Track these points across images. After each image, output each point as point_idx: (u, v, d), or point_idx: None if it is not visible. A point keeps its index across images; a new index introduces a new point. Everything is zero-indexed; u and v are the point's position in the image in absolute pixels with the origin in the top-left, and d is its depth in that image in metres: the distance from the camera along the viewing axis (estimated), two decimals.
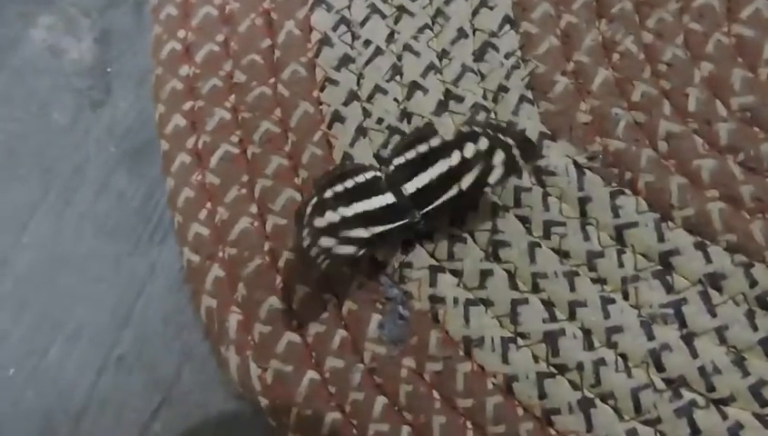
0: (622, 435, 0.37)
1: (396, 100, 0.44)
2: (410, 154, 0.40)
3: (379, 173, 0.40)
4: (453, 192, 0.39)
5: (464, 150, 0.39)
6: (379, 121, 0.43)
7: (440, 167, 0.39)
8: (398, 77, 0.44)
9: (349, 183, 0.39)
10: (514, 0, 0.45)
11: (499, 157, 0.38)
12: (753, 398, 0.37)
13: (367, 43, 0.45)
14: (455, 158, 0.39)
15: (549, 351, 0.39)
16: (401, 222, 0.38)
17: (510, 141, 0.39)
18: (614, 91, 0.42)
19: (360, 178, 0.39)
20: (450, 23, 0.45)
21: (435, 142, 0.40)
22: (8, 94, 0.47)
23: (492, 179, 0.38)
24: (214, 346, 0.40)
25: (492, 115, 0.43)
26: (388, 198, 0.39)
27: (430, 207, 0.39)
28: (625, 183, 0.41)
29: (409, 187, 0.39)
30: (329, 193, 0.38)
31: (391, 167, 0.40)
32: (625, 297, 0.39)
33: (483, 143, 0.39)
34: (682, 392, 0.37)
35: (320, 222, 0.37)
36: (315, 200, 0.38)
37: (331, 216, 0.37)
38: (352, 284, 0.40)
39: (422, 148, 0.40)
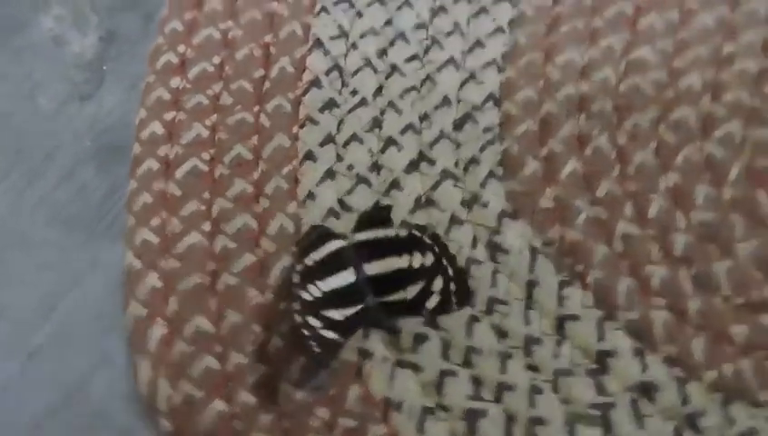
0: None
1: (370, 151, 0.37)
2: (371, 235, 0.33)
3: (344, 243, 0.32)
4: (400, 295, 0.31)
5: (412, 258, 0.32)
6: (350, 167, 0.36)
7: (396, 263, 0.32)
8: (376, 130, 0.37)
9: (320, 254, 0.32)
10: (501, 80, 0.39)
11: (438, 284, 0.32)
12: None
13: (354, 92, 0.39)
14: (404, 261, 0.32)
15: (467, 429, 0.32)
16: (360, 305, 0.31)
17: (450, 272, 0.32)
18: (580, 183, 0.35)
19: (329, 247, 0.32)
20: (437, 89, 0.38)
21: (391, 232, 0.33)
22: (4, 72, 0.40)
23: (429, 304, 0.32)
24: (132, 355, 0.34)
25: (460, 185, 0.37)
26: (350, 276, 0.32)
27: (385, 299, 0.31)
28: (575, 274, 0.33)
29: (369, 270, 0.32)
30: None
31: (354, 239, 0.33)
32: (555, 390, 0.31)
33: (429, 259, 0.32)
34: None
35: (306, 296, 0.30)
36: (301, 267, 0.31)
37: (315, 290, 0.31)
38: (284, 322, 0.34)
39: (382, 233, 0.33)
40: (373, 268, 0.32)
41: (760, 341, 0.32)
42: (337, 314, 0.31)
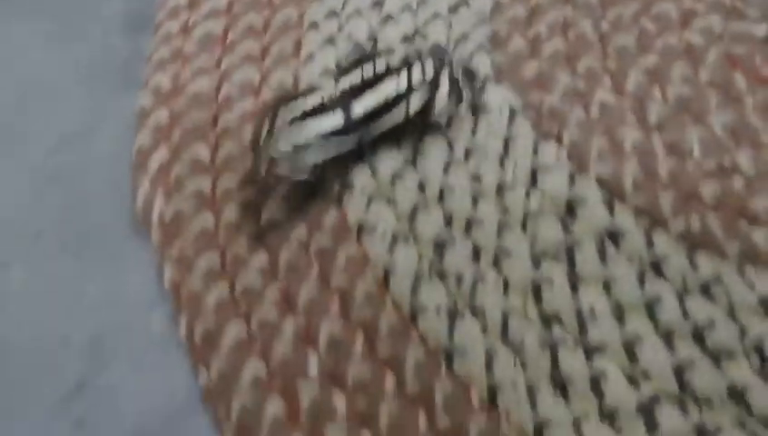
0: (481, 351, 0.28)
1: (369, 24, 0.36)
2: (356, 77, 0.31)
3: (325, 94, 0.30)
4: (399, 116, 0.30)
5: (411, 75, 0.30)
6: (349, 36, 0.36)
7: (386, 91, 0.30)
8: (377, 8, 0.37)
9: (300, 107, 0.30)
10: None
11: (444, 85, 0.31)
12: (625, 353, 0.28)
13: None
14: (402, 83, 0.30)
15: (436, 257, 0.30)
16: (349, 145, 0.30)
17: (454, 69, 0.31)
18: (562, 59, 0.34)
19: (310, 101, 0.30)
20: None
21: (380, 66, 0.31)
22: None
23: (438, 106, 0.31)
24: (133, 177, 0.33)
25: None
26: (338, 119, 0.30)
27: (377, 131, 0.30)
28: (551, 134, 0.32)
29: (357, 108, 0.30)
30: (281, 120, 0.29)
31: (338, 88, 0.30)
32: (523, 228, 0.30)
33: (429, 70, 0.30)
34: (552, 328, 0.29)
35: (274, 151, 0.29)
36: (267, 127, 0.29)
37: (285, 144, 0.29)
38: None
39: (368, 71, 0.31)
40: (360, 106, 0.30)
41: (730, 201, 0.30)
42: (315, 156, 0.29)
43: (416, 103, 0.30)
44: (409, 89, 0.30)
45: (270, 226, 0.30)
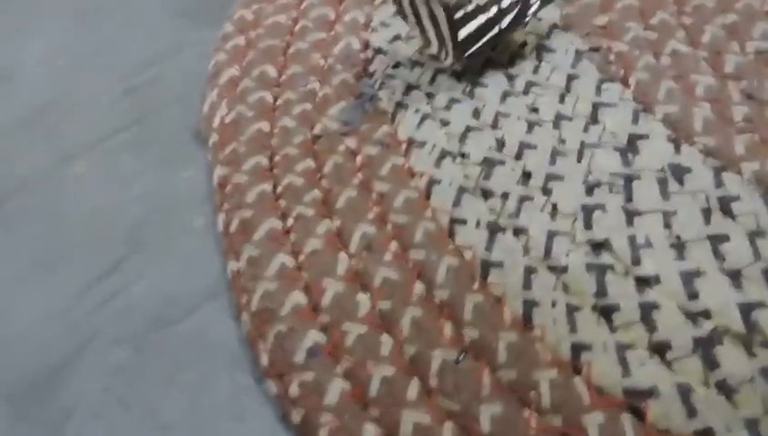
0: (520, 268, 0.23)
1: None
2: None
3: None
4: (493, 32, 0.27)
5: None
6: None
7: (480, 20, 0.27)
8: None
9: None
10: None
11: None
12: (684, 288, 0.22)
13: None
14: (493, 11, 0.27)
15: (482, 174, 0.25)
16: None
17: None
18: (635, 13, 0.29)
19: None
20: None
21: None
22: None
23: (531, 10, 0.28)
24: (205, 89, 0.30)
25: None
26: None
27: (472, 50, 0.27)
28: (617, 76, 0.27)
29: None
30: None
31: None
32: (579, 159, 0.24)
33: None
34: (602, 254, 0.23)
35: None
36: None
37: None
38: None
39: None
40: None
41: None
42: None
43: (508, 19, 0.27)
44: (500, 13, 0.27)
45: None
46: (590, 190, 0.24)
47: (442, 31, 0.26)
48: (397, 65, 0.29)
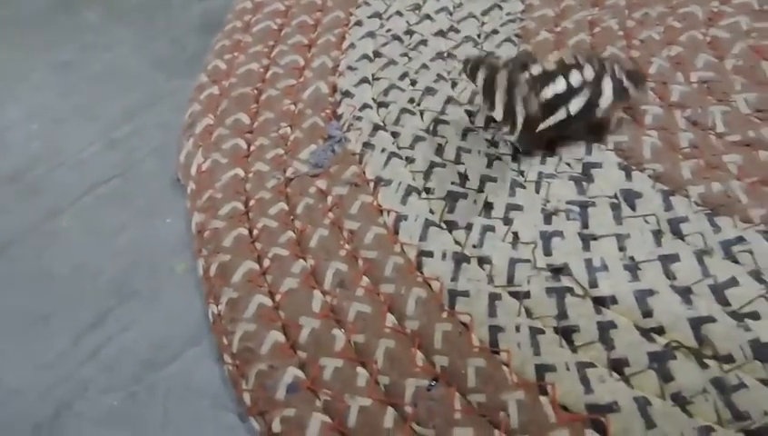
0: (485, 298, 0.25)
1: (407, 22, 0.36)
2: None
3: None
4: (560, 115, 0.27)
5: (570, 78, 0.27)
6: (388, 30, 0.35)
7: (546, 94, 0.27)
8: (417, 10, 0.36)
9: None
10: None
11: (608, 84, 0.27)
12: (638, 306, 0.24)
13: None
14: (560, 85, 0.27)
15: (446, 208, 0.27)
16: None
17: (617, 68, 0.28)
18: (586, 49, 0.32)
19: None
20: None
21: (535, 70, 0.28)
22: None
23: (602, 103, 0.27)
24: (181, 139, 0.33)
25: (478, 47, 0.33)
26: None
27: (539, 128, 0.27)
28: None
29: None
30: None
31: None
32: (537, 190, 0.27)
33: (588, 73, 0.27)
34: (561, 279, 0.25)
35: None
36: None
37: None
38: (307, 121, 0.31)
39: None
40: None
41: (753, 172, 0.26)
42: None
43: (577, 103, 0.27)
44: (570, 91, 0.27)
45: None
46: (548, 218, 0.26)
47: (516, 109, 0.27)
48: (363, 107, 0.31)
